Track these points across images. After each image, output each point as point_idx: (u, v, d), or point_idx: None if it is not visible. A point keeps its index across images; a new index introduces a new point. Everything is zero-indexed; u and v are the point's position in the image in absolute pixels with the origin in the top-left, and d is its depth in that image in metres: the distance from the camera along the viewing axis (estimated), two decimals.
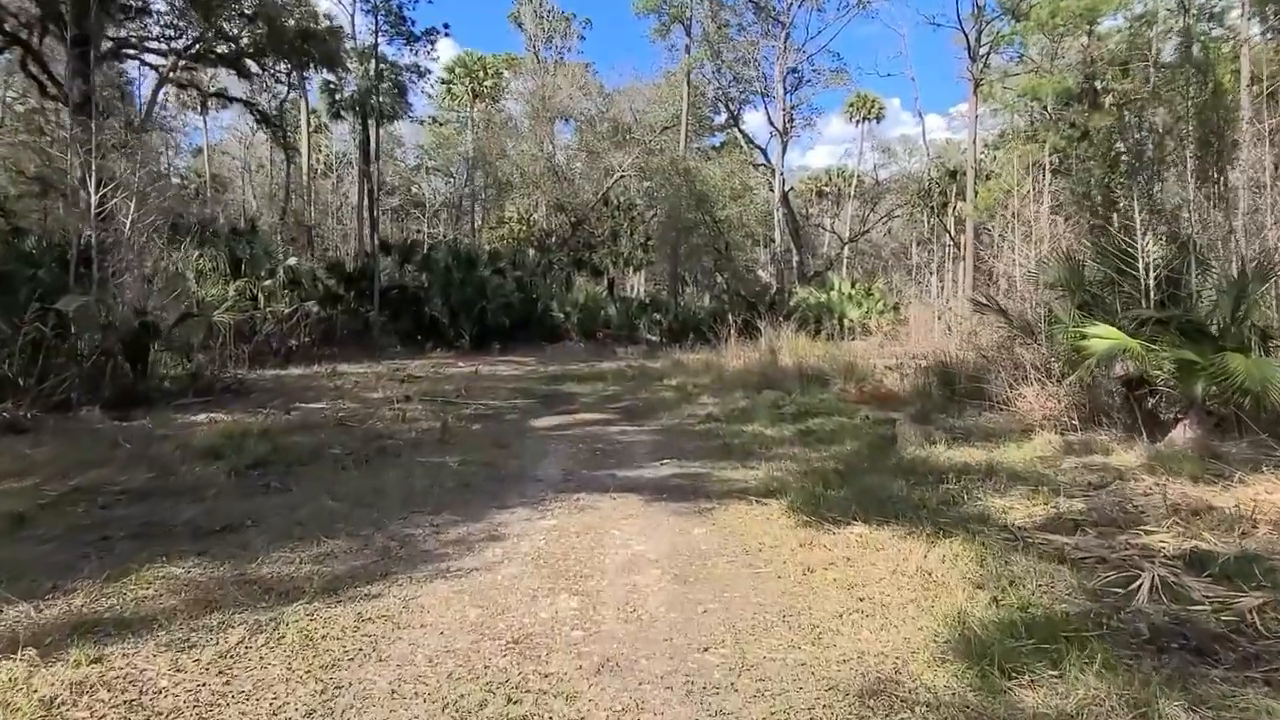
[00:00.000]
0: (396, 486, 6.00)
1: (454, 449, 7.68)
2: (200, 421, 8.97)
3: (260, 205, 38.20)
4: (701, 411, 11.19)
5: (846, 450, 7.81)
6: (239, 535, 4.73)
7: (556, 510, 5.38)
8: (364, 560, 4.28)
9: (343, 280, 26.30)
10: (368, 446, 7.68)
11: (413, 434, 8.51)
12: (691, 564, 4.23)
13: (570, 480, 6.43)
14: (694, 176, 28.82)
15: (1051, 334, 10.75)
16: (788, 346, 18.88)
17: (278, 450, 7.17)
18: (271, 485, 6.18)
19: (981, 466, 6.67)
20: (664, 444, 8.30)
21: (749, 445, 8.06)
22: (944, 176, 38.74)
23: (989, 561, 4.09)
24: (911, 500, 5.49)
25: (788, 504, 5.33)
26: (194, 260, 19.13)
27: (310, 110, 45.78)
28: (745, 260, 35.88)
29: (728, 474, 6.61)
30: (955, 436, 8.55)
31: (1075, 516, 5.18)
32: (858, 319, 31.73)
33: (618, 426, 9.64)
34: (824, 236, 53.29)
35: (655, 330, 31.24)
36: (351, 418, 9.60)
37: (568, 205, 37.11)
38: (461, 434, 8.68)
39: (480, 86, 39.76)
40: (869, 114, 51.76)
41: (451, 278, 26.65)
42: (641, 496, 5.79)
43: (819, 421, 9.94)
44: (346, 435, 8.27)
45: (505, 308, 26.75)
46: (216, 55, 23.65)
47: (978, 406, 10.61)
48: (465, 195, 44.27)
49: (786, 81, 32.60)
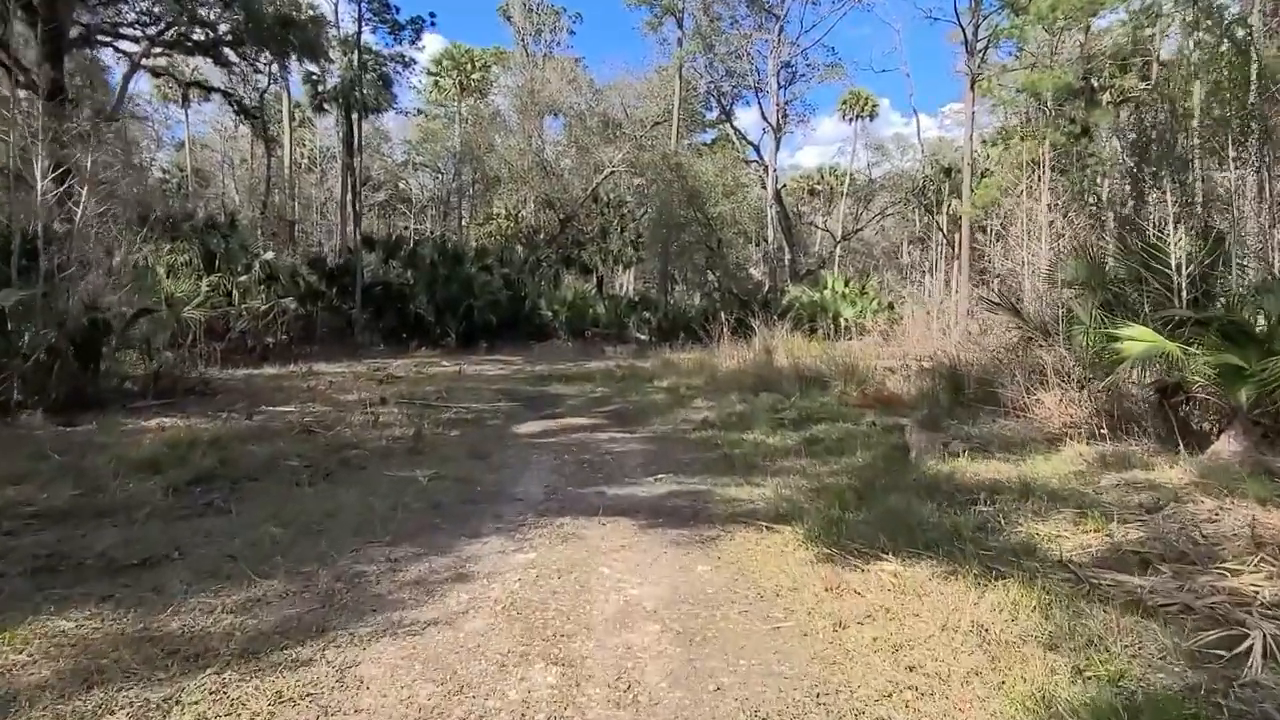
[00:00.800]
0: (354, 508, 5.24)
1: (427, 460, 6.93)
2: (150, 427, 8.18)
3: (242, 200, 37.22)
4: (696, 416, 10.48)
5: (858, 463, 7.10)
6: (157, 572, 3.97)
7: (536, 539, 4.64)
8: (300, 608, 3.53)
9: (324, 276, 25.47)
10: (330, 458, 6.92)
11: (383, 442, 7.75)
12: (697, 615, 3.50)
13: (554, 499, 5.69)
14: (686, 172, 28.05)
15: (1070, 335, 10.12)
16: (783, 346, 18.24)
17: (227, 462, 6.40)
18: (214, 504, 5.42)
19: (1014, 484, 5.97)
20: (658, 454, 7.57)
21: (751, 456, 7.34)
22: (938, 174, 38.14)
23: (1055, 612, 3.38)
24: (944, 527, 4.78)
25: (804, 532, 4.61)
26: (164, 254, 18.28)
27: (295, 105, 44.94)
28: (737, 258, 35.13)
29: (731, 492, 5.88)
30: (974, 446, 7.85)
31: (1137, 549, 4.49)
32: (852, 318, 31.08)
33: (607, 433, 8.90)
34: (816, 235, 52.67)
35: (645, 329, 30.51)
36: (319, 423, 8.82)
37: (556, 201, 36.30)
38: (437, 442, 7.92)
39: (468, 80, 38.89)
40: (862, 111, 51.14)
41: (437, 274, 25.85)
42: (635, 521, 5.05)
43: (823, 429, 9.24)
44: (309, 444, 7.49)
45: (492, 305, 25.98)
46: (193, 43, 22.75)
47: (991, 412, 9.93)
48: (453, 191, 43.41)
49: (780, 76, 31.93)
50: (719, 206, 28.79)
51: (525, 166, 35.74)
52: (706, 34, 31.52)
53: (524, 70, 38.96)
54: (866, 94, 50.14)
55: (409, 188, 52.76)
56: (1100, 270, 9.94)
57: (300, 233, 40.52)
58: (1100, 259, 10.07)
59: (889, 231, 54.05)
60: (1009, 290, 13.87)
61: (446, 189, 46.23)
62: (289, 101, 32.47)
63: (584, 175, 37.33)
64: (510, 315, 27.34)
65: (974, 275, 28.58)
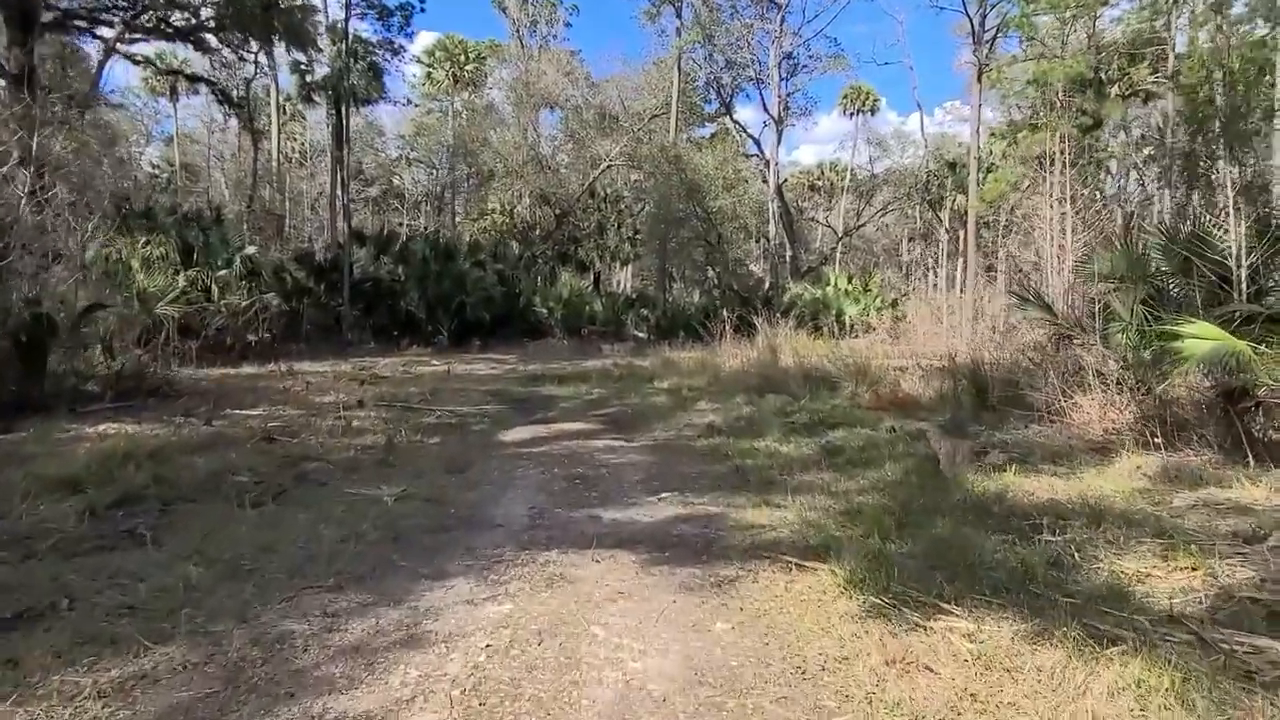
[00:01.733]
0: (299, 538, 4.37)
1: (397, 474, 6.07)
2: (91, 435, 7.31)
3: (229, 194, 36.30)
4: (700, 420, 9.63)
5: (889, 477, 6.24)
6: (28, 634, 3.11)
7: (514, 583, 3.76)
8: (193, 691, 2.66)
9: (312, 272, 24.59)
10: (286, 472, 6.04)
11: (351, 452, 6.87)
12: (722, 707, 2.63)
13: (539, 525, 4.81)
14: (685, 164, 27.16)
15: (1106, 333, 9.31)
16: (787, 345, 17.44)
17: (162, 479, 5.52)
18: (135, 532, 4.56)
19: (1077, 506, 5.12)
20: (660, 466, 6.70)
21: (766, 469, 6.48)
22: (942, 169, 37.30)
23: (1197, 700, 2.54)
24: (1009, 564, 3.94)
25: (843, 573, 3.74)
26: (139, 248, 17.38)
27: (287, 98, 44.01)
28: (737, 254, 34.25)
29: (748, 515, 5.02)
30: (1013, 457, 7.01)
31: (1253, 594, 3.65)
32: (855, 316, 30.28)
33: (603, 440, 8.04)
34: (816, 231, 51.85)
35: (643, 327, 29.67)
36: (284, 429, 7.95)
37: (552, 197, 35.40)
38: (412, 452, 7.05)
39: (461, 71, 37.94)
40: (863, 106, 50.33)
41: (429, 270, 24.98)
42: (636, 555, 4.18)
43: (841, 435, 8.40)
44: (266, 455, 6.61)
45: (485, 302, 25.13)
46: (173, 28, 21.85)
47: (1021, 417, 9.12)
48: (446, 186, 42.50)
49: (782, 67, 31.06)
50: (719, 200, 27.91)
51: (520, 161, 34.83)
52: (706, 24, 30.65)
53: (519, 63, 38.07)
54: (868, 88, 49.35)
55: (403, 183, 51.88)
56: (1141, 263, 9.11)
57: (290, 228, 39.61)
58: (1143, 250, 9.22)
59: (889, 228, 53.25)
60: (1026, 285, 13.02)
61: (440, 184, 45.32)
62: (277, 93, 31.53)
63: (580, 170, 36.46)
64: (504, 313, 26.51)
65: (980, 271, 27.80)
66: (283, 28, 22.57)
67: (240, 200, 31.57)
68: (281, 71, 30.39)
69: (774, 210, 30.43)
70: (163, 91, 44.99)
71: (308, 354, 19.35)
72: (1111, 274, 9.27)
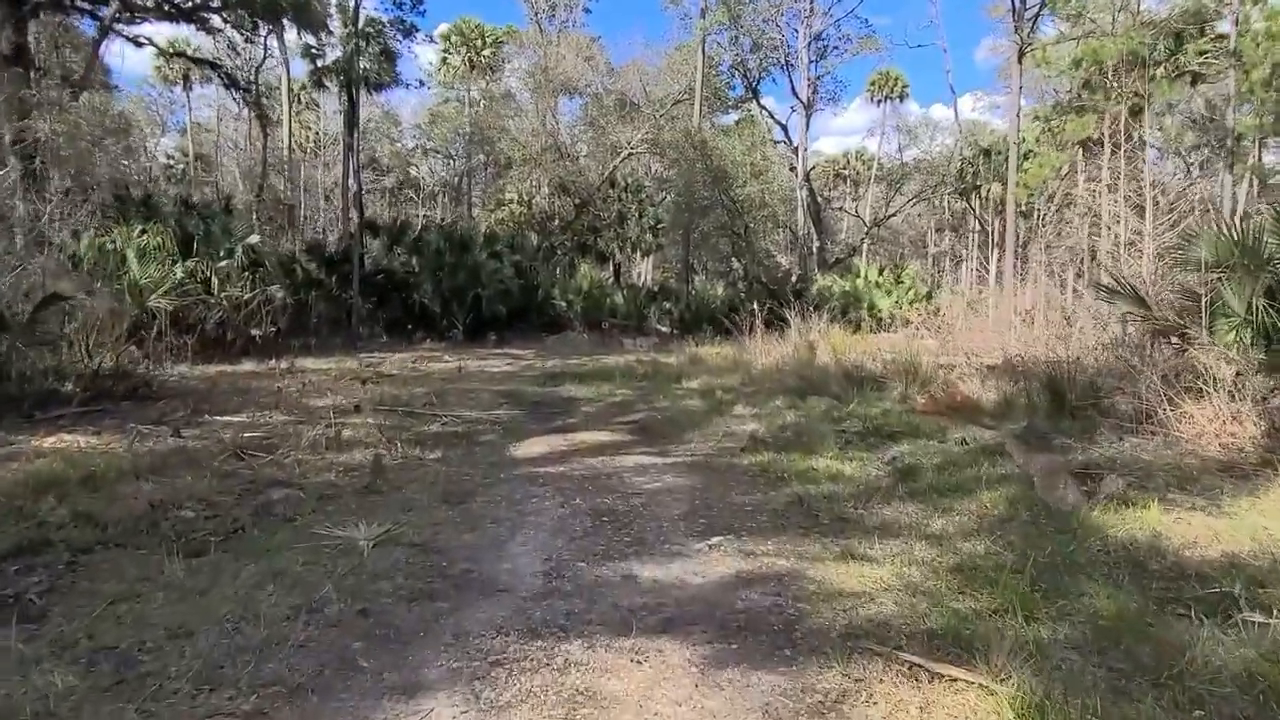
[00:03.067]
0: (230, 614, 3.21)
1: (382, 506, 4.91)
2: (30, 450, 6.21)
3: (241, 183, 35.40)
4: (740, 428, 8.43)
5: (989, 510, 5.02)
6: None
7: (518, 709, 2.58)
8: None
9: (323, 263, 23.63)
10: (247, 503, 4.90)
11: (333, 474, 5.73)
12: None
13: (557, 591, 3.61)
14: (711, 150, 25.82)
15: (1212, 329, 8.05)
16: (823, 340, 16.22)
17: (86, 516, 4.38)
18: (25, 598, 3.43)
19: (1265, 563, 3.88)
20: (704, 494, 5.50)
21: (833, 499, 5.26)
22: (977, 156, 35.72)
23: None
24: (1243, 677, 2.72)
25: (1009, 694, 2.54)
26: (134, 237, 16.39)
27: (302, 87, 43.07)
28: (764, 244, 32.89)
29: (831, 574, 3.80)
30: (1131, 483, 5.75)
31: None
32: (888, 309, 28.91)
33: (633, 456, 6.85)
34: (842, 222, 50.36)
35: (666, 320, 28.47)
36: (263, 441, 6.83)
37: (572, 186, 34.18)
38: (405, 474, 5.87)
39: (478, 56, 36.75)
40: (891, 92, 48.73)
41: (443, 261, 23.88)
42: (691, 650, 2.98)
43: (906, 450, 7.17)
44: (229, 479, 5.48)
45: (502, 295, 24.02)
46: (174, 7, 20.83)
47: (1114, 427, 7.88)
48: (462, 175, 41.43)
49: (811, 49, 29.64)
50: (746, 188, 26.55)
51: (539, 148, 33.64)
52: (732, 3, 29.26)
53: (537, 48, 36.83)
54: (896, 74, 47.76)
55: (419, 173, 50.90)
56: (1255, 248, 7.85)
57: (304, 219, 38.73)
58: (1254, 233, 7.94)
59: (915, 219, 51.62)
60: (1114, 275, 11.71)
61: (457, 174, 44.26)
62: (288, 79, 30.51)
63: (600, 159, 35.24)
64: (521, 306, 25.41)
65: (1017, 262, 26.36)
66: (289, 7, 21.49)
67: (250, 190, 30.58)
68: (297, 64, 29.52)
69: (802, 199, 29.05)
70: (176, 80, 44.25)
71: (317, 349, 18.39)
72: (1218, 261, 8.00)
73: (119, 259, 14.99)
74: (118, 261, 14.59)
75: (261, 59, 26.51)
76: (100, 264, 14.94)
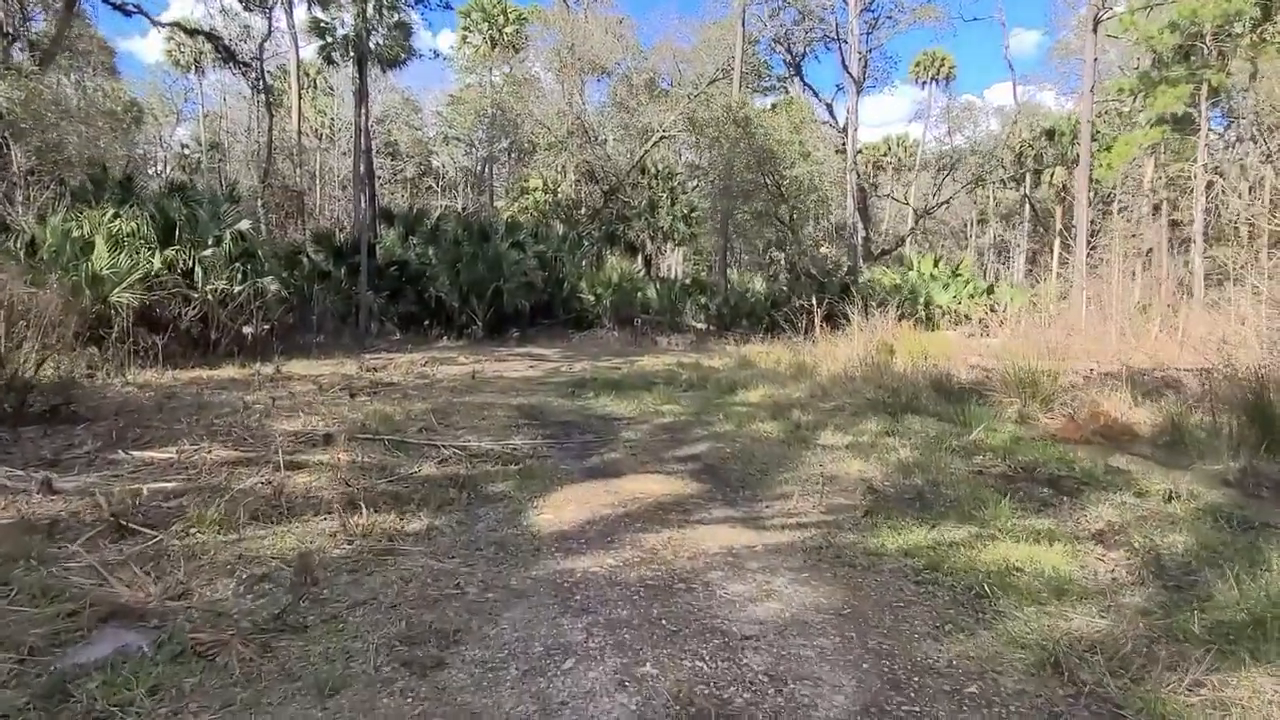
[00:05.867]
0: None
1: (275, 685, 2.72)
2: None
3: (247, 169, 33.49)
4: (840, 468, 6.19)
5: None
6: None
7: None
8: None
9: (331, 254, 21.70)
10: (25, 683, 2.72)
11: (234, 584, 3.54)
12: None
13: None
14: (755, 128, 23.39)
15: None
16: (899, 342, 13.97)
17: None
18: None
19: None
20: (863, 639, 3.13)
21: (1102, 648, 3.01)
22: (1038, 137, 32.94)
23: None
24: None
25: None
26: (105, 222, 14.39)
27: (317, 72, 41.16)
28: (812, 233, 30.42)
29: None
30: None
31: None
32: (947, 304, 26.43)
33: (713, 529, 4.55)
34: (884, 212, 47.69)
35: (702, 316, 26.22)
36: (164, 504, 4.68)
37: (599, 172, 31.93)
38: (356, 580, 3.67)
39: (500, 34, 34.54)
40: (938, 74, 46.03)
41: (461, 252, 21.81)
42: None
43: (1115, 515, 4.88)
44: (52, 601, 3.32)
45: (525, 288, 21.91)
46: None
47: None
48: (484, 162, 39.30)
49: (862, 19, 27.11)
50: (795, 169, 24.10)
51: (564, 132, 31.42)
52: None
53: (563, 27, 34.55)
54: (942, 54, 45.15)
55: (441, 163, 48.90)
56: None
57: (318, 208, 36.83)
58: None
59: (958, 209, 48.77)
60: None
61: (479, 161, 42.15)
62: (297, 56, 28.45)
63: (630, 144, 32.96)
64: (546, 300, 23.29)
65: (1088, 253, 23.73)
66: None
67: (254, 175, 28.61)
68: (309, 49, 27.48)
69: (851, 184, 26.54)
70: (189, 66, 42.52)
71: (320, 348, 16.45)
72: None
73: (81, 246, 13.02)
74: (76, 250, 12.61)
75: (266, 32, 24.47)
76: (61, 252, 12.99)
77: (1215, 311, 16.99)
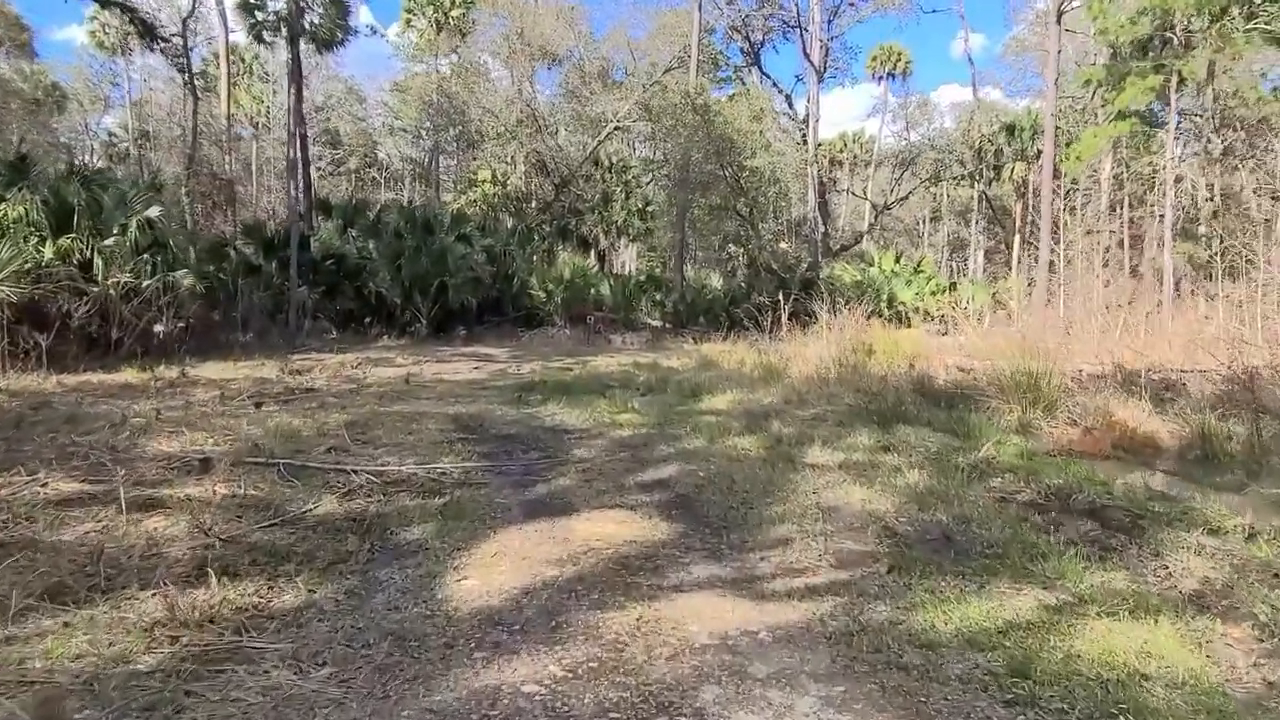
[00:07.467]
0: None
1: None
2: None
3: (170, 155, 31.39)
4: (840, 499, 5.09)
5: None
6: None
7: None
8: None
9: (261, 246, 20.02)
10: None
11: None
12: None
13: None
14: (714, 116, 22.28)
15: None
16: (876, 341, 13.06)
17: None
18: None
19: None
20: None
21: None
22: (998, 133, 32.45)
23: None
24: None
25: None
26: None
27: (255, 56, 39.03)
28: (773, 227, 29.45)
29: None
30: None
31: None
32: (909, 301, 25.71)
33: (698, 601, 3.31)
34: (842, 208, 47.12)
35: (657, 314, 25.11)
36: None
37: (550, 164, 30.57)
38: None
39: (446, 18, 32.88)
40: (894, 68, 45.49)
41: (404, 245, 20.35)
42: None
43: (1194, 565, 3.82)
44: None
45: (472, 284, 20.55)
46: None
47: None
48: (430, 153, 37.61)
49: (823, 6, 26.22)
50: (755, 160, 23.05)
51: (514, 121, 29.99)
52: None
53: (511, 14, 33.04)
54: (899, 49, 44.56)
55: (387, 156, 47.01)
56: None
57: (254, 200, 34.81)
58: None
59: (912, 205, 48.38)
60: None
61: (425, 153, 40.42)
62: (225, 37, 26.53)
63: (582, 136, 31.66)
64: (494, 296, 21.93)
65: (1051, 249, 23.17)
66: None
67: (178, 162, 26.64)
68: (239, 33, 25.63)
69: (813, 176, 25.59)
70: (114, 49, 39.97)
71: (245, 348, 14.97)
72: None
73: None
74: None
75: (190, 9, 22.60)
76: None
77: (1189, 309, 16.35)
